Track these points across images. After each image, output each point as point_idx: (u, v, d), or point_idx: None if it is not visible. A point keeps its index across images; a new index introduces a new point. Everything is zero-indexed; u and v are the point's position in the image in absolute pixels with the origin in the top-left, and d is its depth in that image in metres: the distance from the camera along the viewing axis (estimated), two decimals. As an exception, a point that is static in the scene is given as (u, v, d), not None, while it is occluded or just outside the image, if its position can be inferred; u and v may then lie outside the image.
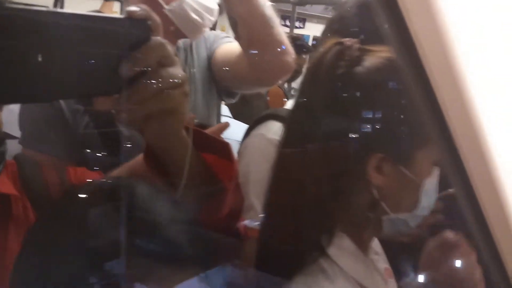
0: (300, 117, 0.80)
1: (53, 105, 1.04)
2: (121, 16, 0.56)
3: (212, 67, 1.27)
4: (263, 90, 1.37)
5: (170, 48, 0.57)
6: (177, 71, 0.57)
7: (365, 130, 0.73)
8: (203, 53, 1.28)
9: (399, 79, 0.70)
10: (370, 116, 0.73)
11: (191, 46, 1.29)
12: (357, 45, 0.75)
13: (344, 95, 0.74)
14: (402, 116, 0.73)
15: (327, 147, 0.75)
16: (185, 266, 0.52)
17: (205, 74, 1.27)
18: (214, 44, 1.28)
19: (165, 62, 0.56)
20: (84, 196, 0.56)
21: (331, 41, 0.76)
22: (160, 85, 0.55)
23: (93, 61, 0.51)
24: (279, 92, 2.48)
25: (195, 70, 1.26)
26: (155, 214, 0.54)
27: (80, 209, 0.53)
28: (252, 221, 0.91)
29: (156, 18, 0.56)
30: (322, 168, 0.75)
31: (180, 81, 0.57)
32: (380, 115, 0.73)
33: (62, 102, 1.04)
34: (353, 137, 0.74)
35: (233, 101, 1.39)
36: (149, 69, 0.55)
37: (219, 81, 1.28)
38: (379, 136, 0.74)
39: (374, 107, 0.73)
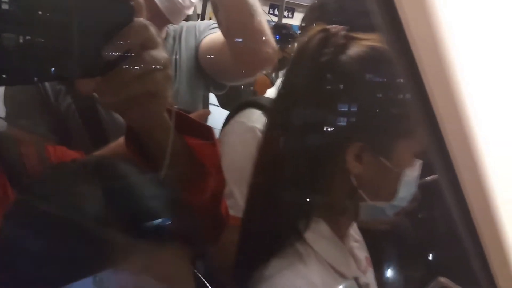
0: (284, 104, 0.80)
1: (37, 85, 1.03)
2: None
3: (198, 55, 1.25)
4: (247, 81, 1.35)
5: (153, 30, 0.56)
6: (160, 54, 0.56)
7: (345, 118, 0.73)
8: (192, 42, 1.26)
9: (383, 69, 0.70)
10: (351, 104, 0.73)
11: (180, 34, 1.27)
12: (342, 33, 0.75)
13: (327, 83, 0.74)
14: (383, 106, 0.74)
15: (308, 135, 0.75)
16: (167, 242, 0.52)
17: (192, 64, 1.25)
18: (203, 33, 1.26)
19: (148, 44, 0.55)
20: (64, 174, 0.55)
21: (316, 28, 0.75)
22: (142, 67, 0.54)
23: (74, 42, 0.50)
24: (266, 80, 2.48)
25: (181, 58, 1.24)
26: (137, 192, 0.54)
27: (60, 188, 0.52)
28: (232, 209, 0.92)
29: None
30: (303, 155, 0.75)
31: (162, 64, 0.56)
32: (361, 104, 0.73)
33: (46, 82, 1.04)
34: (334, 125, 0.74)
35: (221, 92, 1.37)
36: (132, 51, 0.54)
37: (205, 71, 1.26)
38: (359, 125, 0.74)
39: (356, 96, 0.74)
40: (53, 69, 0.50)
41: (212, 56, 1.21)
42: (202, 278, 0.60)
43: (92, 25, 0.52)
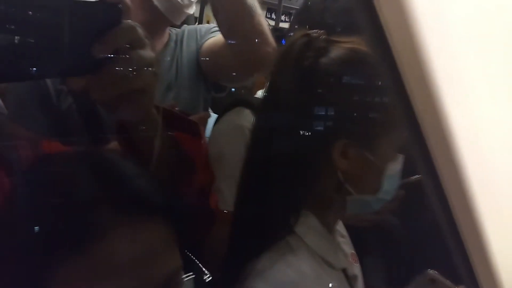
0: (270, 105, 0.83)
1: (39, 84, 1.06)
2: (93, 0, 0.58)
3: (199, 59, 1.26)
4: (247, 82, 1.36)
5: (140, 30, 0.59)
6: (147, 53, 0.60)
7: (331, 117, 0.76)
8: (193, 46, 1.28)
9: (363, 69, 0.73)
10: (335, 104, 0.76)
11: (182, 38, 1.29)
12: (323, 37, 0.78)
13: (310, 85, 0.77)
14: (365, 104, 0.77)
15: (295, 134, 0.78)
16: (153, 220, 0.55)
17: (193, 67, 1.26)
18: (204, 37, 1.27)
19: (135, 44, 0.59)
20: (56, 163, 0.58)
21: (298, 33, 0.78)
22: (130, 66, 0.58)
23: (66, 42, 0.54)
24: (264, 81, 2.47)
25: (183, 61, 1.26)
26: (127, 175, 0.57)
27: (53, 176, 0.54)
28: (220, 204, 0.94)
29: (127, 1, 0.59)
30: (290, 153, 0.78)
31: (149, 63, 0.59)
32: (345, 103, 0.76)
33: (48, 82, 1.06)
34: (319, 124, 0.77)
35: (222, 94, 1.38)
36: (120, 50, 0.57)
37: (206, 73, 1.28)
38: (343, 123, 0.77)
39: (338, 96, 0.77)
40: (43, 67, 0.54)
41: (213, 58, 1.23)
42: (194, 258, 0.62)
43: (82, 26, 0.56)
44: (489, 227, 0.45)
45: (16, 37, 0.50)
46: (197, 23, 2.35)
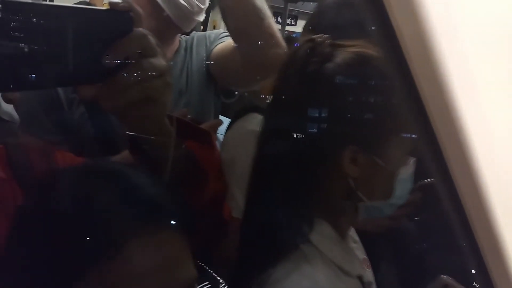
0: (277, 111, 0.83)
1: (51, 93, 1.07)
2: (104, 8, 0.58)
3: (209, 65, 1.26)
4: (258, 86, 1.36)
5: (152, 39, 0.59)
6: (158, 61, 0.59)
7: (338, 123, 0.76)
8: (202, 52, 1.28)
9: (368, 72, 0.72)
10: (342, 110, 0.75)
11: (191, 44, 1.29)
12: (328, 41, 0.77)
13: (316, 91, 0.76)
14: (373, 109, 0.76)
15: (302, 141, 0.77)
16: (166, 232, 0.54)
17: (203, 73, 1.27)
18: (213, 43, 1.27)
19: (147, 52, 0.58)
20: (72, 177, 0.57)
21: (303, 38, 0.77)
22: (141, 74, 0.57)
23: (77, 51, 0.54)
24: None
25: (193, 68, 1.26)
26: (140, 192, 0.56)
27: (68, 190, 0.54)
28: (234, 211, 0.93)
29: (138, 9, 0.59)
30: (299, 160, 0.77)
31: (161, 71, 0.59)
32: (352, 109, 0.76)
33: (60, 91, 1.07)
34: (326, 131, 0.76)
35: (232, 100, 1.38)
36: (131, 59, 0.57)
37: (216, 79, 1.28)
38: (351, 129, 0.76)
39: (345, 102, 0.76)
40: (54, 75, 0.54)
41: (224, 63, 1.22)
42: (207, 268, 0.62)
43: (93, 34, 0.56)
44: (506, 231, 0.45)
45: (27, 46, 0.50)
46: (202, 27, 2.35)
